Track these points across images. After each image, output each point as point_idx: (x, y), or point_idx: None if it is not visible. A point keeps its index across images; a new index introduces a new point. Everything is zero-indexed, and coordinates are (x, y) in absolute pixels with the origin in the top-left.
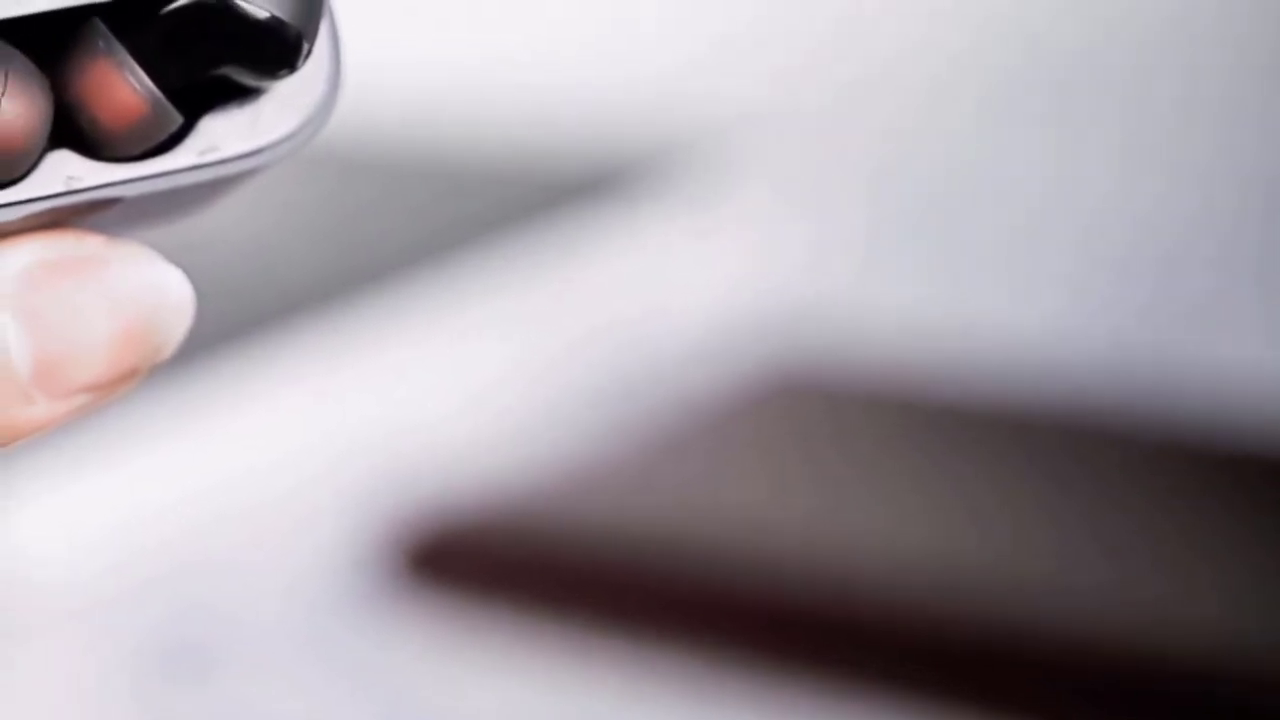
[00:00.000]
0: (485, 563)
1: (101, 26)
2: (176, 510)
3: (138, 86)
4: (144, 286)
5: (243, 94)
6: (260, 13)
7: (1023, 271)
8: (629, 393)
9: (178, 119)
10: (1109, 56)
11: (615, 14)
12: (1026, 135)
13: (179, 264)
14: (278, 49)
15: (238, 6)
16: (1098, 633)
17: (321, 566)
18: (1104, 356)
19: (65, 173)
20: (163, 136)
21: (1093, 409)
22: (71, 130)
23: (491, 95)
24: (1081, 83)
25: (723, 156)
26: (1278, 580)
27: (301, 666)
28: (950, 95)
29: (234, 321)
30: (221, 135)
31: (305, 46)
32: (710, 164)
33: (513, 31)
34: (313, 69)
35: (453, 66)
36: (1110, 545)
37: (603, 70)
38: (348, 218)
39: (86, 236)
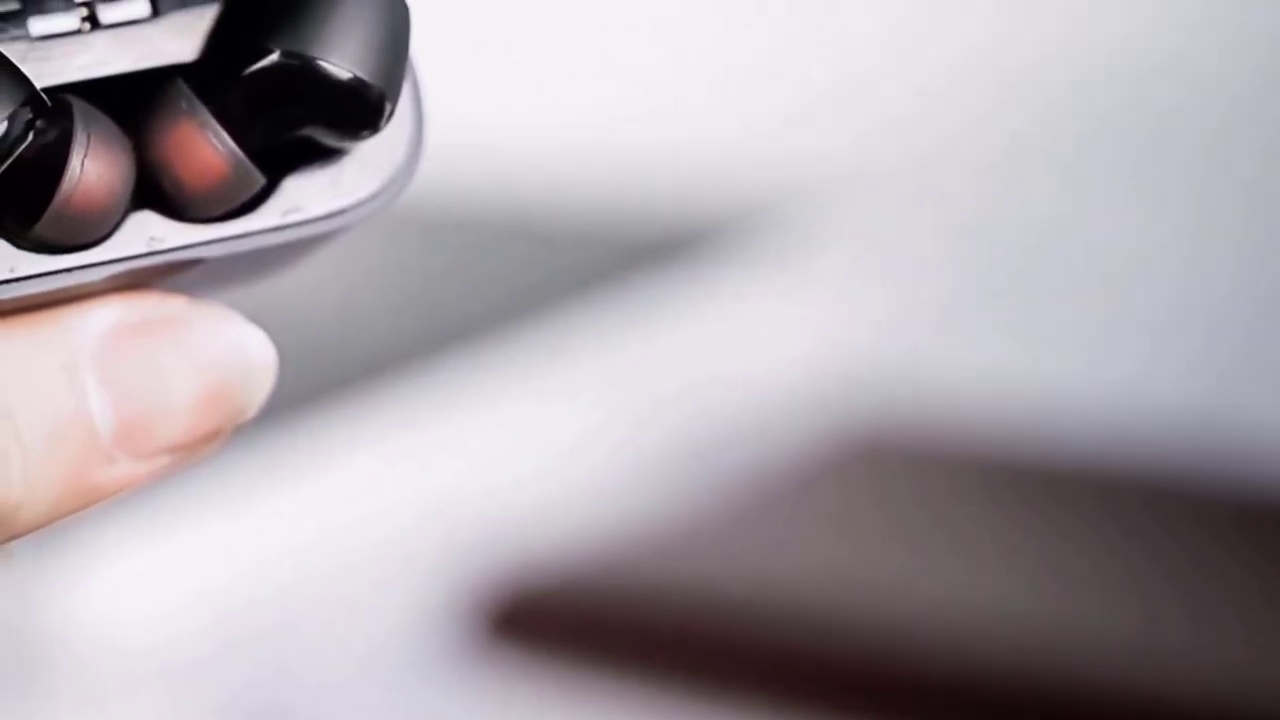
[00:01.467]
0: (566, 625)
1: (184, 87)
2: (259, 573)
3: (220, 147)
4: (226, 348)
5: (325, 155)
6: (343, 73)
7: (1105, 332)
8: (711, 454)
9: (260, 180)
10: (1194, 118)
11: (696, 75)
12: (1109, 196)
13: (261, 325)
14: (360, 110)
15: (320, 67)
16: (1185, 693)
17: (404, 629)
18: (1187, 418)
19: (148, 234)
20: (245, 197)
21: (1177, 470)
22: (154, 191)
23: (574, 156)
24: (1165, 144)
25: (805, 218)
26: None
27: None
28: (1033, 156)
29: (316, 383)
30: (304, 196)
31: (388, 107)
32: (793, 226)
33: (595, 92)
34: (395, 130)
35: (535, 128)
36: (1196, 606)
37: (684, 132)
38: (430, 279)
39: (169, 297)
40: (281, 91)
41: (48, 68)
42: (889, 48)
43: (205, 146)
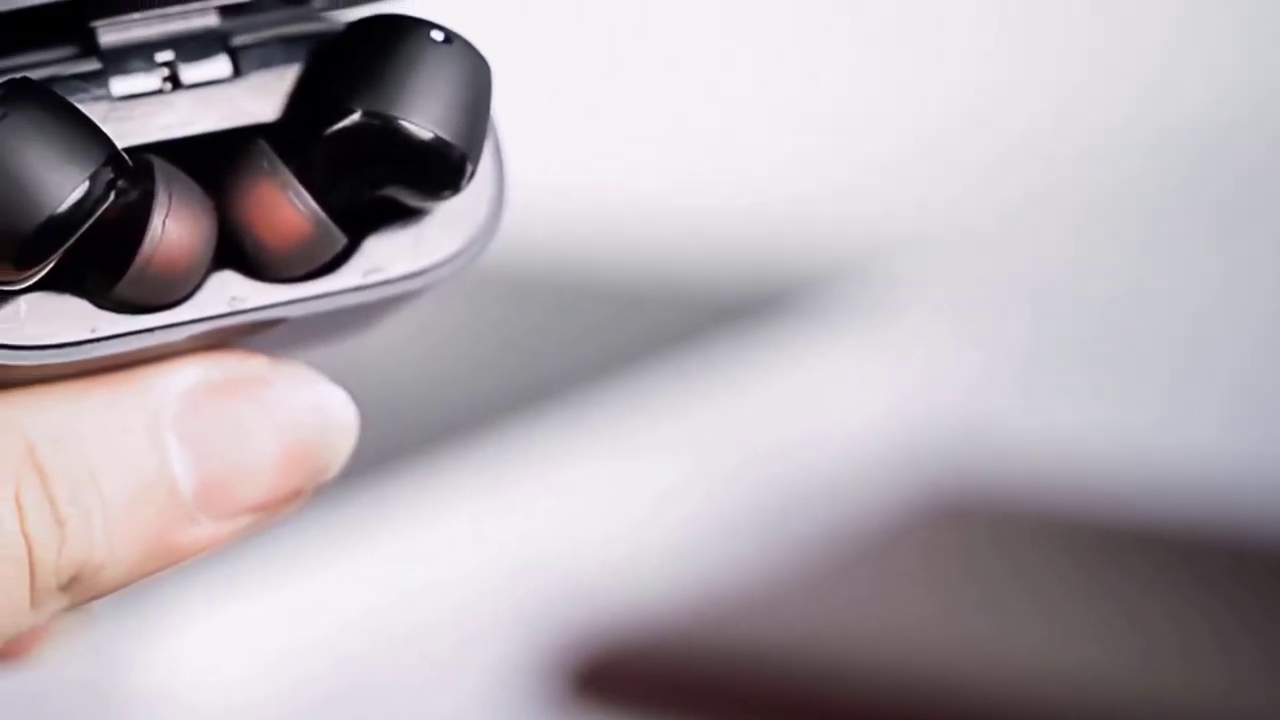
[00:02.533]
0: (648, 684)
1: (266, 147)
2: (340, 634)
3: (302, 208)
4: (308, 407)
5: (406, 214)
6: (424, 133)
7: (1185, 390)
8: (793, 513)
9: (341, 240)
10: (1273, 176)
11: (779, 135)
12: (1189, 256)
13: (343, 384)
14: (442, 169)
15: (402, 127)
16: None
17: (486, 689)
18: (1269, 476)
19: (229, 294)
20: (326, 257)
21: (1260, 529)
22: (235, 251)
23: (656, 215)
24: (1244, 203)
25: (887, 277)
26: None
27: None
28: (1114, 214)
29: (398, 442)
30: (385, 256)
31: (469, 167)
32: (874, 285)
33: (677, 151)
34: (477, 189)
35: (617, 187)
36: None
37: (766, 192)
38: (512, 338)
39: (250, 357)
40: (363, 151)
41: (129, 128)
42: (970, 107)
43: (287, 206)
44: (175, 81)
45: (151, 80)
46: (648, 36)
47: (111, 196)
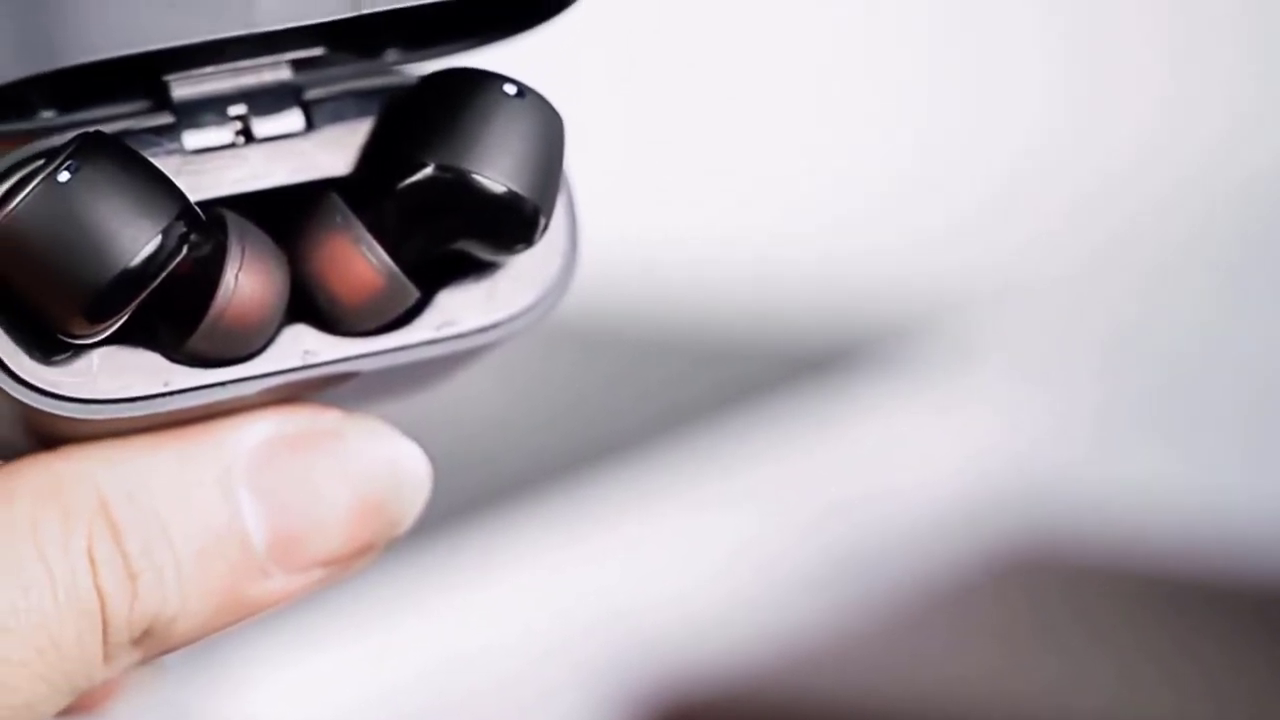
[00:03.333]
0: None
1: (339, 201)
2: (413, 687)
3: (374, 261)
4: (380, 461)
5: (479, 268)
6: (497, 187)
7: (1260, 443)
8: (867, 567)
9: (414, 294)
10: None
11: (851, 189)
12: (1261, 307)
13: (416, 438)
14: (515, 223)
15: (475, 181)
16: None
17: None
18: None
19: (302, 347)
20: (399, 311)
21: None
22: (308, 305)
23: (730, 269)
24: None
25: (960, 331)
26: None
27: None
28: (1186, 267)
29: (471, 496)
30: (458, 310)
31: (542, 221)
32: (947, 338)
33: (751, 205)
34: (550, 243)
35: (690, 240)
36: None
37: (839, 245)
38: (586, 391)
39: (323, 411)
40: (436, 205)
41: (202, 181)
42: (1042, 161)
43: (359, 260)
44: (248, 135)
45: (224, 134)
46: (721, 90)
47: (184, 250)
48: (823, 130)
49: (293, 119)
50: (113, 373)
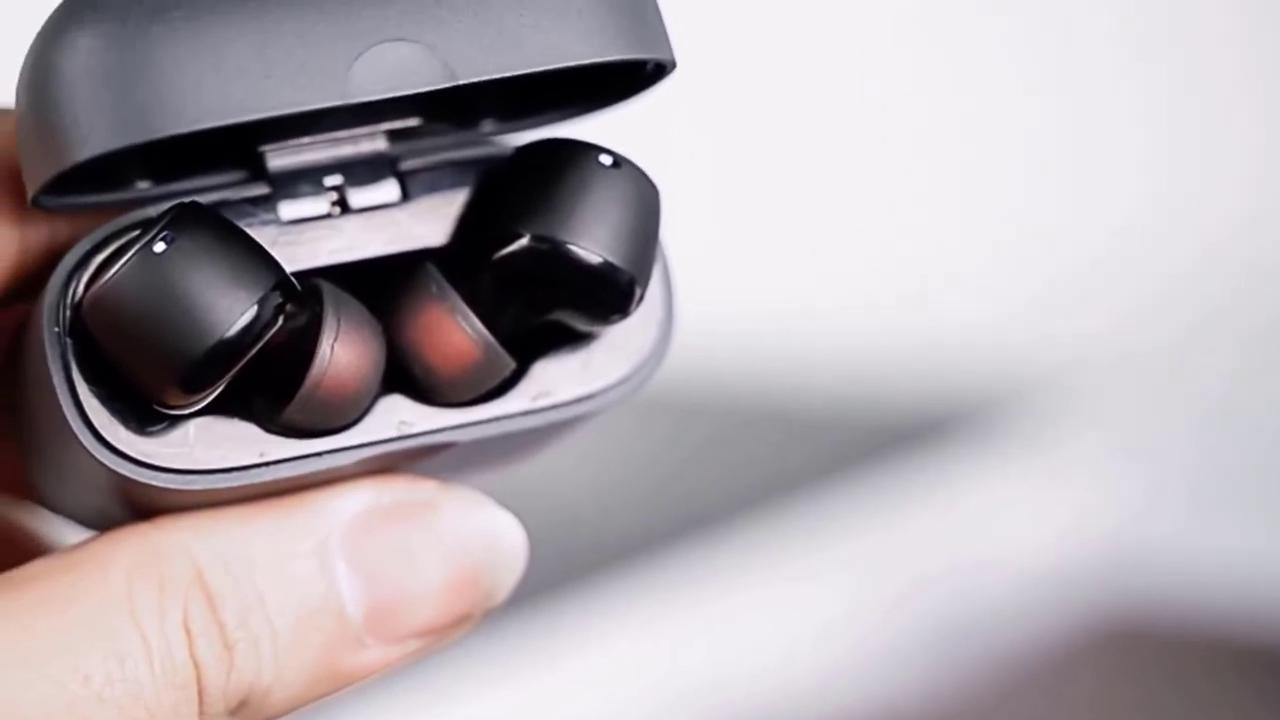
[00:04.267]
0: None
1: (435, 271)
2: None
3: (471, 332)
4: (476, 532)
5: (575, 338)
6: (593, 258)
7: None
8: (964, 637)
9: (510, 364)
10: None
11: (951, 259)
12: None
13: (511, 509)
14: (611, 294)
15: (570, 252)
16: None
17: None
18: None
19: (398, 418)
20: (495, 382)
21: None
22: (404, 375)
23: (824, 340)
24: None
25: (1057, 401)
26: None
27: None
28: None
29: (567, 566)
30: (553, 380)
31: (638, 291)
32: (1044, 409)
33: (847, 277)
34: (645, 313)
35: (785, 312)
36: None
37: (935, 314)
38: (680, 461)
39: (418, 481)
40: (531, 276)
41: (298, 252)
42: (1141, 231)
43: (455, 331)
44: (344, 206)
45: (320, 204)
46: (816, 162)
47: (280, 321)
48: (921, 200)
49: (388, 189)
50: (209, 443)
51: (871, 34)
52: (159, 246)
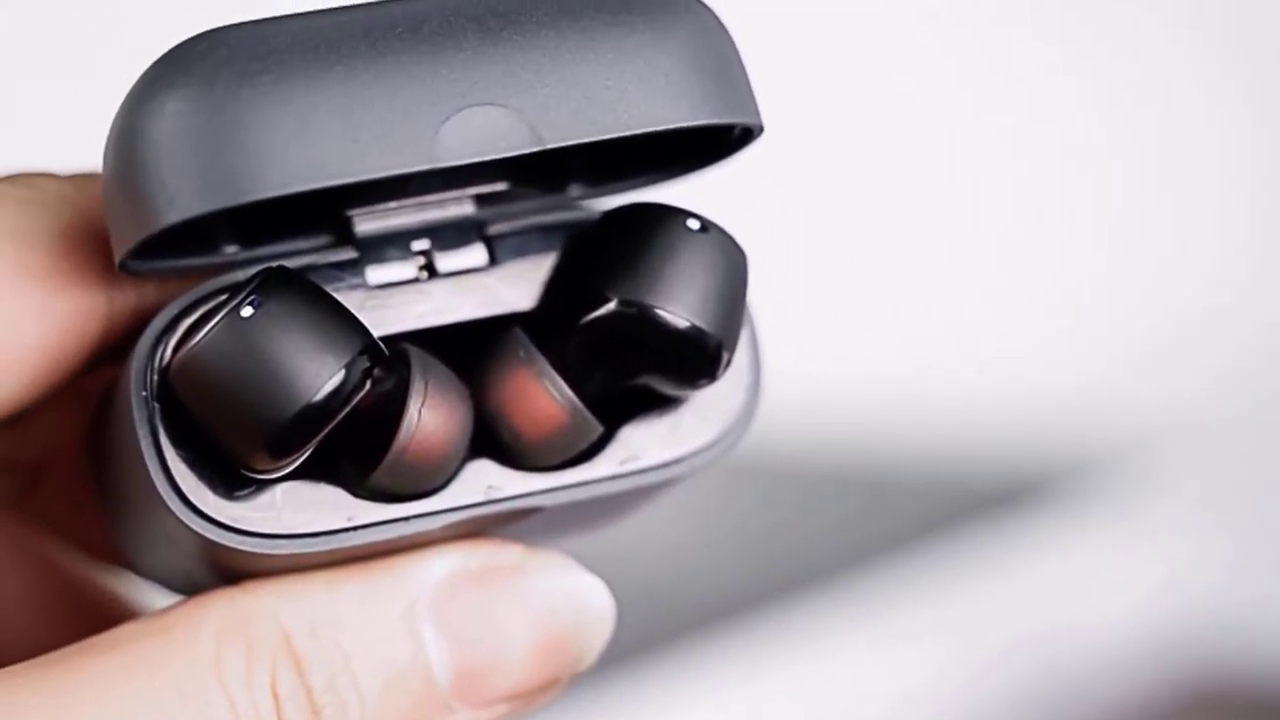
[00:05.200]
0: None
1: (521, 335)
2: None
3: (558, 396)
4: (564, 596)
5: (662, 402)
6: (681, 322)
7: None
8: (1051, 703)
9: (598, 428)
10: None
11: (1037, 323)
12: None
13: (599, 573)
14: (698, 358)
15: (658, 316)
16: None
17: None
18: None
19: (485, 482)
20: (582, 446)
21: None
22: (491, 439)
23: (910, 405)
24: None
25: (1144, 465)
26: None
27: None
28: None
29: (653, 630)
30: (641, 444)
31: (725, 356)
32: (1131, 473)
33: (932, 342)
34: (733, 377)
35: (871, 377)
36: None
37: (1022, 378)
38: (766, 525)
39: (505, 545)
40: (619, 340)
41: (385, 316)
42: (1227, 296)
43: (543, 395)
44: (431, 270)
45: (407, 269)
46: (902, 226)
47: (367, 385)
48: (1008, 264)
49: (476, 254)
50: (296, 508)
51: (958, 100)
52: (246, 311)
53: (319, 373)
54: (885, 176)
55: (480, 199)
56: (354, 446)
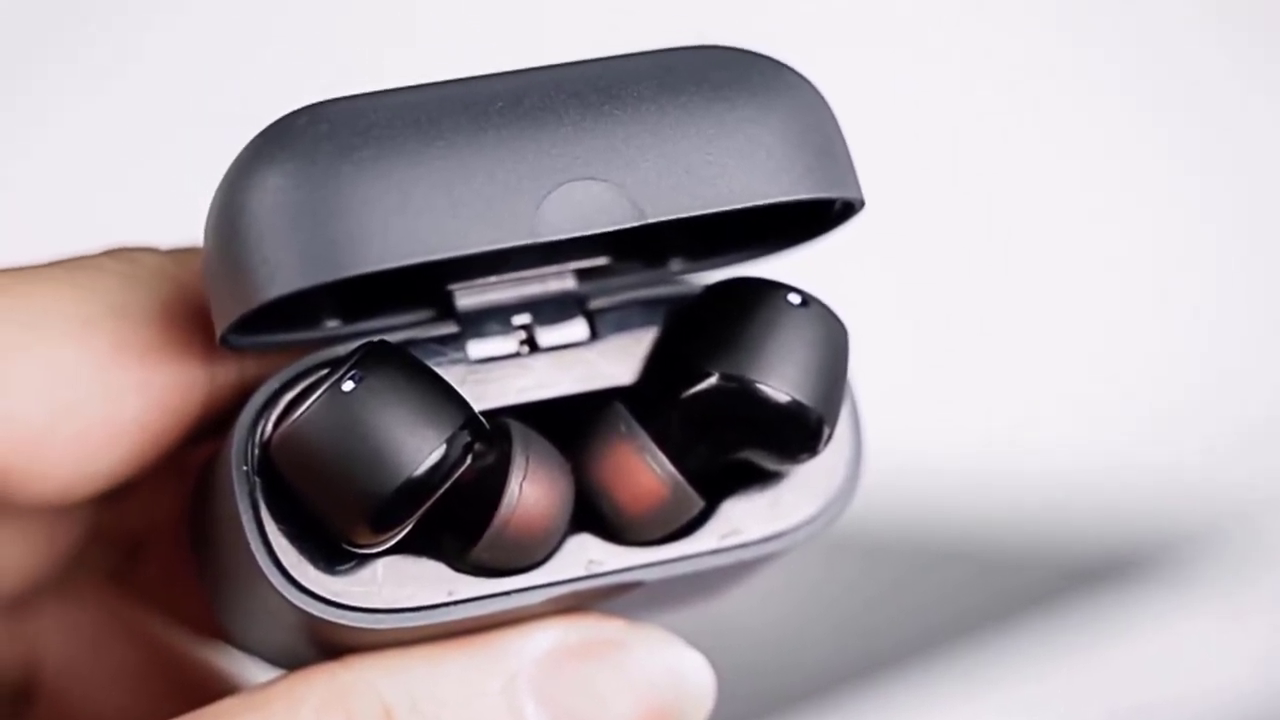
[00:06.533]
0: None
1: (623, 410)
2: None
3: (659, 471)
4: (664, 671)
5: (763, 477)
6: (782, 397)
7: None
8: None
9: (699, 503)
10: None
11: (1139, 396)
12: None
13: (700, 648)
14: (799, 434)
15: (759, 390)
16: None
17: None
18: None
19: (586, 557)
20: (683, 520)
21: None
22: (592, 514)
23: (1011, 478)
24: None
25: (1247, 538)
26: None
27: None
28: None
29: (754, 705)
30: (742, 519)
31: (826, 431)
32: (1232, 548)
33: (1035, 414)
34: (834, 452)
35: (971, 452)
36: None
37: (1123, 452)
38: (867, 600)
39: (606, 620)
40: (720, 415)
41: (486, 390)
42: None
43: (644, 470)
44: (532, 344)
45: (509, 343)
46: (1002, 300)
47: (468, 460)
48: (1109, 338)
49: (577, 328)
50: (397, 582)
51: (1059, 175)
52: (348, 385)
53: (420, 447)
54: (985, 249)
55: (581, 273)
56: (455, 521)
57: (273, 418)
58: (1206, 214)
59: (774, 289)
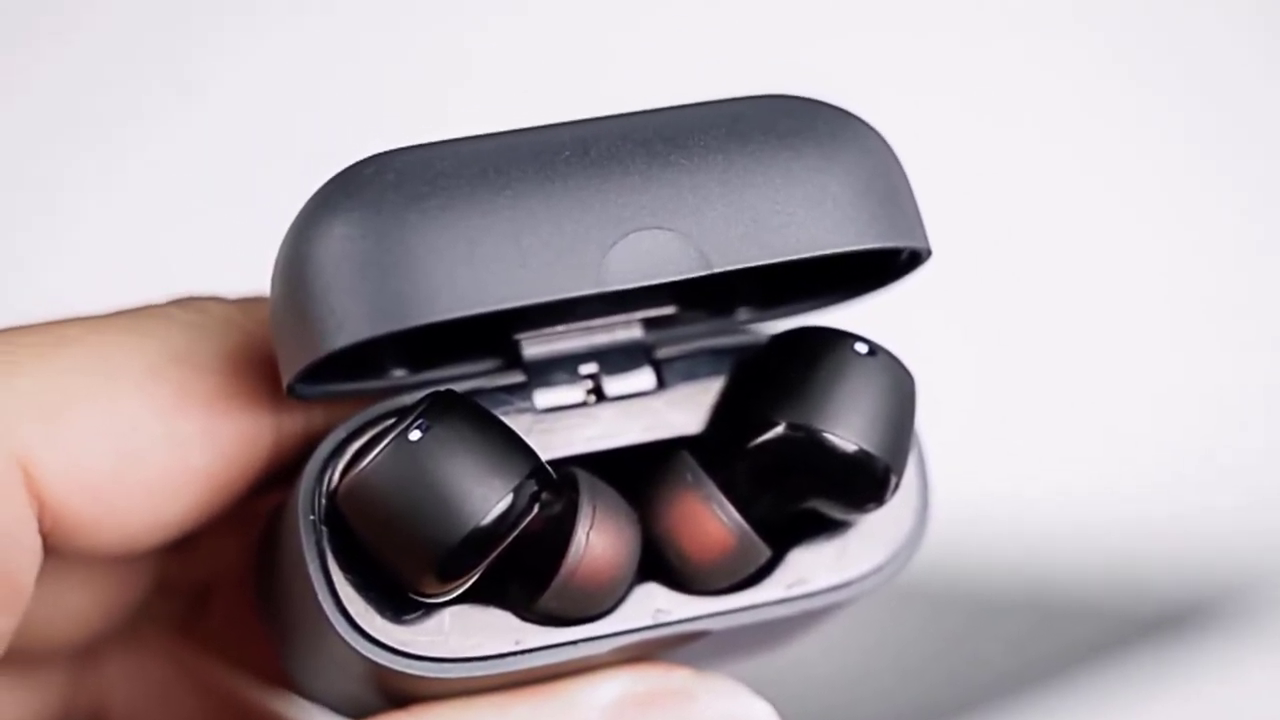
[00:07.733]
0: None
1: (690, 459)
2: None
3: (726, 520)
4: None
5: (830, 526)
6: (849, 446)
7: None
8: None
9: (765, 552)
10: None
11: (1203, 443)
12: None
13: (766, 697)
14: (866, 483)
15: (826, 440)
16: None
17: None
18: None
19: (653, 606)
20: (750, 569)
21: None
22: (659, 563)
23: (1078, 527)
24: None
25: None
26: None
27: None
28: None
29: None
30: (808, 568)
31: (894, 480)
32: None
33: (1102, 463)
34: (901, 501)
35: (1038, 501)
36: None
37: (1190, 500)
38: (934, 649)
39: (672, 669)
40: (787, 464)
41: (553, 440)
42: None
43: (711, 519)
44: (599, 394)
45: (575, 393)
46: (1069, 350)
47: (535, 509)
48: (1174, 387)
49: (644, 377)
50: (464, 631)
51: (1127, 223)
52: (414, 435)
53: (487, 496)
54: (1053, 297)
55: (648, 322)
56: (522, 570)
57: (339, 467)
58: (1270, 266)
59: (841, 338)
